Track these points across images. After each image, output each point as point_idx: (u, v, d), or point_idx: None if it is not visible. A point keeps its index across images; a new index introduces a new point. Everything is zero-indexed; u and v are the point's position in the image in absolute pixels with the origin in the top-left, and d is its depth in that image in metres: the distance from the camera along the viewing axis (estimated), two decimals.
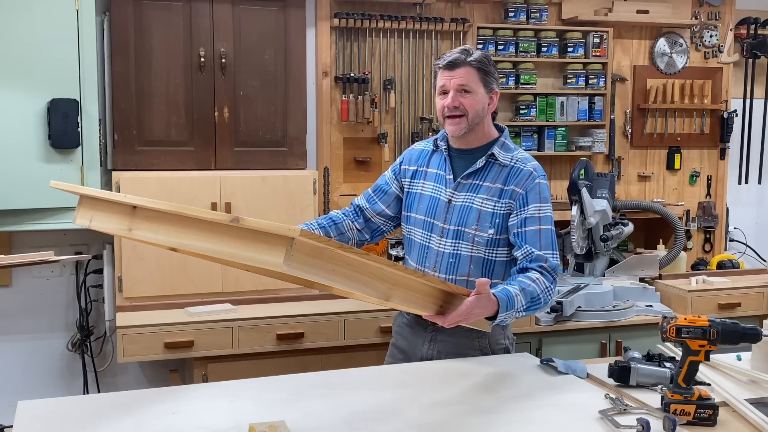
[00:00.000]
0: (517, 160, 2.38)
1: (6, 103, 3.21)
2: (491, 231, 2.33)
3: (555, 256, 2.32)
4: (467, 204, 2.36)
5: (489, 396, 2.05)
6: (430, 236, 2.41)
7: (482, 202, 2.35)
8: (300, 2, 3.75)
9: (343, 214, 2.54)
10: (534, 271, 2.26)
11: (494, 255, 2.36)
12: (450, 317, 2.06)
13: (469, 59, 2.32)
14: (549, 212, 2.35)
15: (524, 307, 2.20)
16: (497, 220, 2.33)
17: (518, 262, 2.31)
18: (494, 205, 2.34)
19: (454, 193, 2.38)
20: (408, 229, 2.50)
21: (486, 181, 2.36)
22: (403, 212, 2.53)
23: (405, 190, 2.52)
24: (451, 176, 2.41)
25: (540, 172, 2.37)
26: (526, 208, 2.31)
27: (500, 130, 2.45)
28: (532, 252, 2.28)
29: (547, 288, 2.26)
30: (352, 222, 2.52)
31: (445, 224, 2.38)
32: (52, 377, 3.80)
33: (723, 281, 3.96)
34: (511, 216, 2.33)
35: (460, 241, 2.35)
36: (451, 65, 2.32)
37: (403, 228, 2.54)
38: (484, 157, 2.37)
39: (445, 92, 2.35)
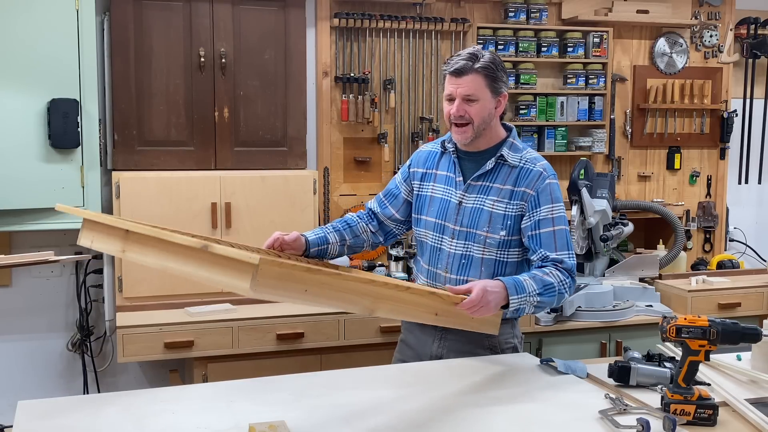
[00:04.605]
0: (526, 161, 2.37)
1: (6, 103, 3.21)
2: (503, 232, 2.33)
3: (571, 256, 2.31)
4: (478, 206, 2.36)
5: (489, 396, 2.05)
6: (442, 238, 2.41)
7: (493, 204, 2.34)
8: (300, 2, 3.75)
9: (358, 217, 2.57)
10: (548, 267, 2.27)
11: (506, 257, 2.36)
12: (463, 307, 2.08)
13: (476, 66, 2.28)
14: (562, 212, 2.34)
15: (537, 291, 2.20)
16: (509, 222, 2.33)
17: (533, 264, 2.32)
18: (505, 207, 2.33)
19: (464, 195, 2.38)
20: (419, 231, 2.50)
21: (496, 182, 2.36)
22: (413, 215, 2.52)
23: (414, 192, 2.51)
24: (461, 178, 2.40)
25: (550, 172, 2.37)
26: (538, 210, 2.31)
27: (508, 129, 2.45)
28: (548, 256, 2.28)
29: (562, 281, 2.26)
30: (367, 225, 2.55)
31: (455, 226, 2.38)
32: (52, 377, 3.80)
33: (723, 281, 3.96)
34: (524, 219, 2.32)
35: (471, 243, 2.35)
36: (458, 72, 2.29)
37: (414, 230, 2.54)
38: (493, 159, 2.37)
39: (451, 99, 2.32)
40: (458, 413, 1.92)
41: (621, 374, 2.13)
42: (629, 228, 3.80)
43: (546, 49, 4.35)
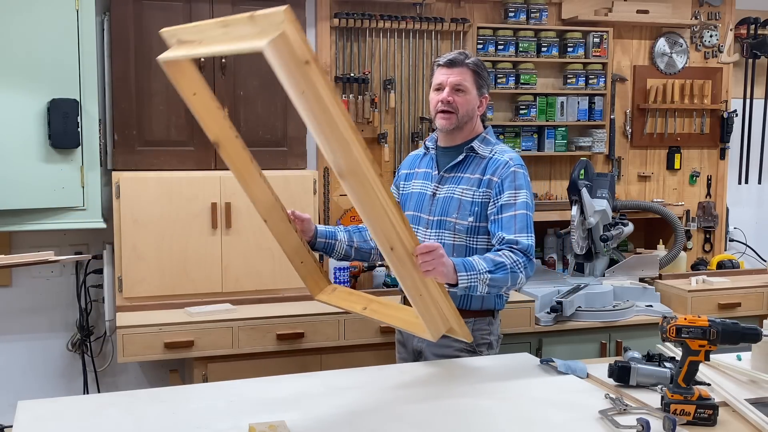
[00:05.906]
0: (495, 152, 2.50)
1: (6, 103, 3.21)
2: (470, 218, 2.44)
3: (528, 237, 2.38)
4: (449, 195, 2.49)
5: (489, 396, 2.05)
6: (417, 229, 2.53)
7: (463, 192, 2.47)
8: (300, 2, 3.74)
9: None
10: (503, 250, 2.34)
11: (475, 243, 2.46)
12: (417, 252, 2.00)
13: (466, 61, 2.48)
14: (525, 198, 2.42)
15: (487, 269, 2.24)
16: (476, 209, 2.44)
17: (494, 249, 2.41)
18: (473, 194, 2.45)
19: (438, 187, 2.53)
20: None
21: (467, 172, 2.49)
22: None
23: (400, 192, 2.68)
24: (436, 171, 2.55)
25: (516, 162, 2.47)
26: (501, 196, 2.41)
27: (485, 128, 2.59)
28: (504, 237, 2.36)
29: (515, 260, 2.31)
30: None
31: (430, 216, 2.51)
32: (52, 377, 3.80)
33: (723, 281, 3.96)
34: (490, 205, 2.43)
35: (443, 231, 2.48)
36: (450, 63, 2.48)
37: None
38: (464, 151, 2.51)
39: (440, 89, 2.48)
40: (458, 413, 1.92)
41: (621, 374, 2.13)
42: (629, 228, 3.80)
43: (546, 49, 4.35)
